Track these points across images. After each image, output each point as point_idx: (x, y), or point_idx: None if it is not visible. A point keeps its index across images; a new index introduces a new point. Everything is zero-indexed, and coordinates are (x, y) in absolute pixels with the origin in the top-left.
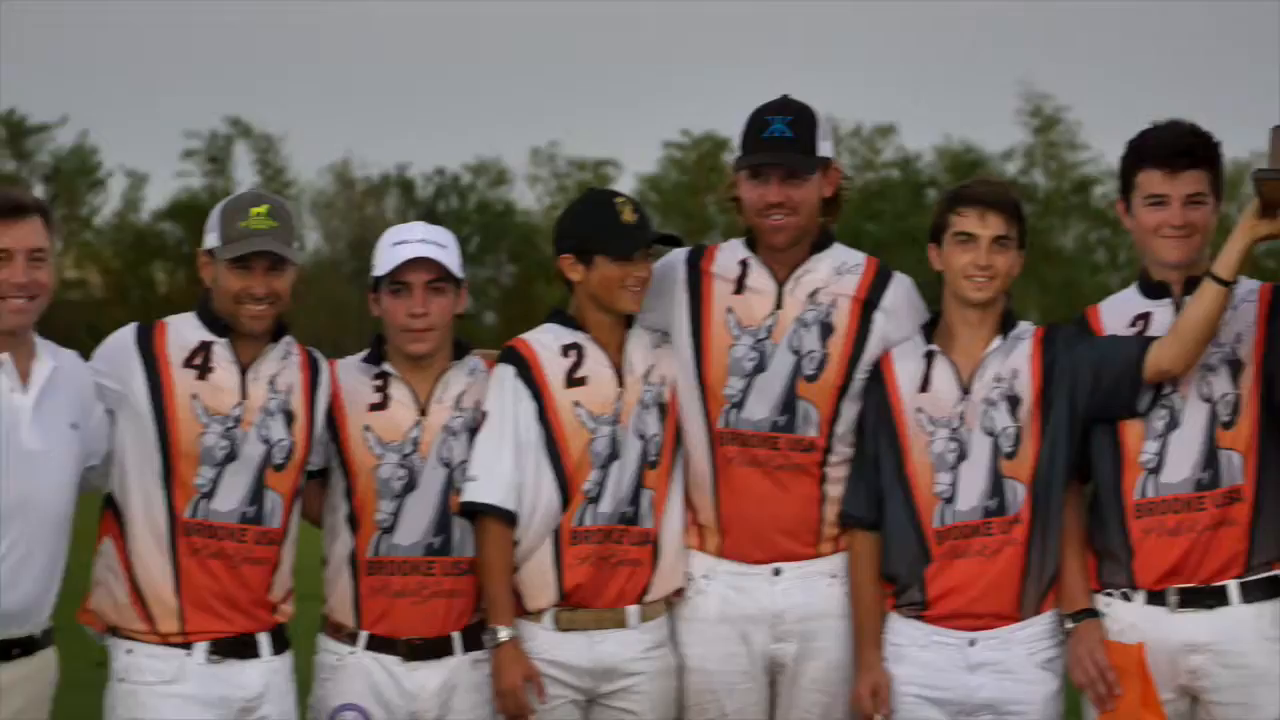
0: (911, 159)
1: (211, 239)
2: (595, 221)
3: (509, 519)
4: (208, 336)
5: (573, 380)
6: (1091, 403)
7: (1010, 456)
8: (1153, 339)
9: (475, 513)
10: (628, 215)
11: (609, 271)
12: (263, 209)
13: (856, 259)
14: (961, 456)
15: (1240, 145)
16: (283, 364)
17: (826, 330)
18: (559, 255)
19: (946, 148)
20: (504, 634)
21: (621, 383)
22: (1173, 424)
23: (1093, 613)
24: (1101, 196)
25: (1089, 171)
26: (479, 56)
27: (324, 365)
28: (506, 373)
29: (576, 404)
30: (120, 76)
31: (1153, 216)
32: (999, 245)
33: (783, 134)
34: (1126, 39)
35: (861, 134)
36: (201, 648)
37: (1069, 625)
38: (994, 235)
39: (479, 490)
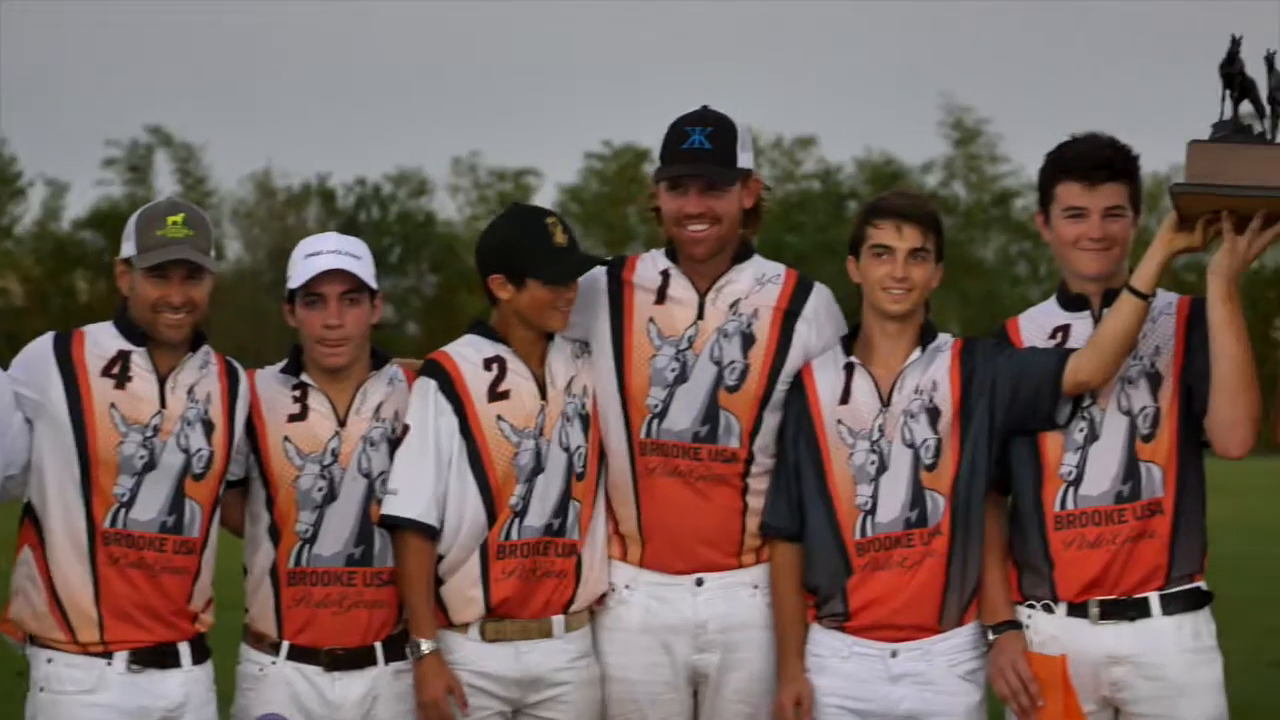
0: (832, 171)
1: (128, 248)
2: (528, 244)
3: (430, 533)
4: (125, 346)
5: (495, 394)
6: (1011, 414)
7: (930, 468)
8: (1072, 351)
9: (395, 526)
10: (560, 237)
11: (540, 294)
12: (179, 217)
13: (776, 269)
14: (881, 468)
15: (1160, 159)
16: (201, 373)
17: (748, 341)
18: (487, 274)
19: (867, 160)
20: (426, 646)
21: (544, 396)
22: (1092, 436)
23: (1014, 624)
24: (1022, 209)
25: (1010, 184)
26: (400, 66)
27: (243, 375)
28: (428, 386)
29: (499, 418)
30: (40, 85)
31: (1071, 229)
32: (916, 257)
33: (702, 145)
34: (1047, 52)
35: (782, 145)
36: (121, 657)
37: (991, 637)
38: (911, 247)
39: (400, 504)
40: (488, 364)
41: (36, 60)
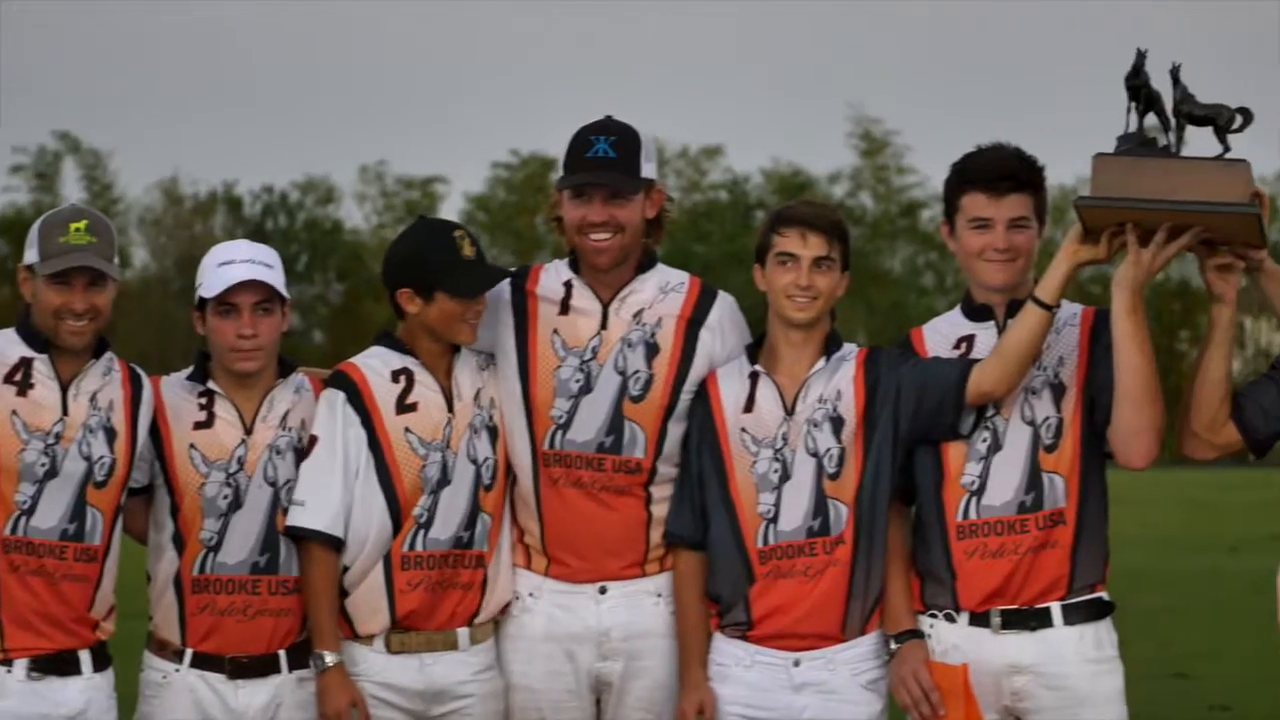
0: (739, 181)
1: (31, 254)
2: (436, 258)
3: (335, 545)
4: (28, 353)
5: (403, 406)
6: (914, 424)
7: (834, 477)
8: (975, 361)
9: (301, 538)
10: (467, 250)
11: (449, 308)
12: (82, 224)
13: (680, 278)
14: (785, 477)
15: (1067, 171)
16: (104, 380)
17: (652, 350)
18: (395, 288)
19: (774, 170)
20: (330, 659)
21: (451, 408)
22: (995, 446)
23: (916, 633)
24: (929, 220)
25: (917, 195)
26: (308, 74)
27: (146, 382)
28: (336, 398)
29: (407, 430)
30: None
31: (976, 239)
32: (821, 266)
33: (606, 154)
34: (955, 64)
35: (689, 155)
36: (21, 665)
37: (893, 646)
38: (815, 256)
39: (306, 516)
40: (395, 376)
41: None
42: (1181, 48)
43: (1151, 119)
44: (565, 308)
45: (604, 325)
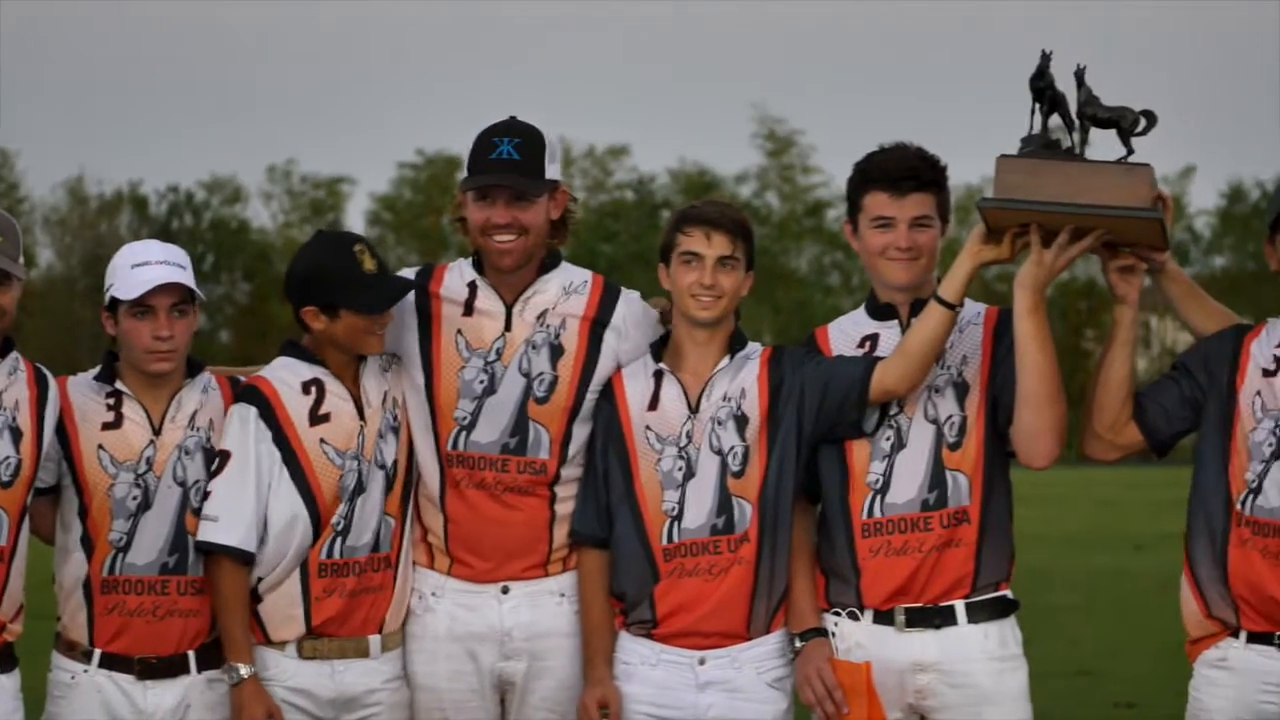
0: (645, 180)
1: None
2: (338, 275)
3: (247, 559)
4: None
5: (316, 418)
6: (818, 422)
7: (738, 475)
8: (879, 360)
9: (212, 552)
10: (369, 264)
11: (355, 323)
12: None
13: (583, 277)
14: (689, 474)
15: (972, 170)
16: (9, 380)
17: (556, 352)
18: (299, 306)
19: (680, 170)
20: (244, 670)
21: (362, 415)
22: (899, 444)
23: (820, 631)
24: (835, 219)
25: (822, 195)
26: (214, 73)
27: (52, 382)
28: (248, 413)
29: (323, 441)
30: None
31: (879, 239)
32: (725, 265)
33: (510, 155)
34: (859, 63)
35: (595, 154)
36: None
37: (797, 644)
38: (719, 255)
39: (219, 531)
40: (306, 387)
41: None
42: (1089, 49)
43: (1056, 120)
44: (469, 309)
45: (508, 327)
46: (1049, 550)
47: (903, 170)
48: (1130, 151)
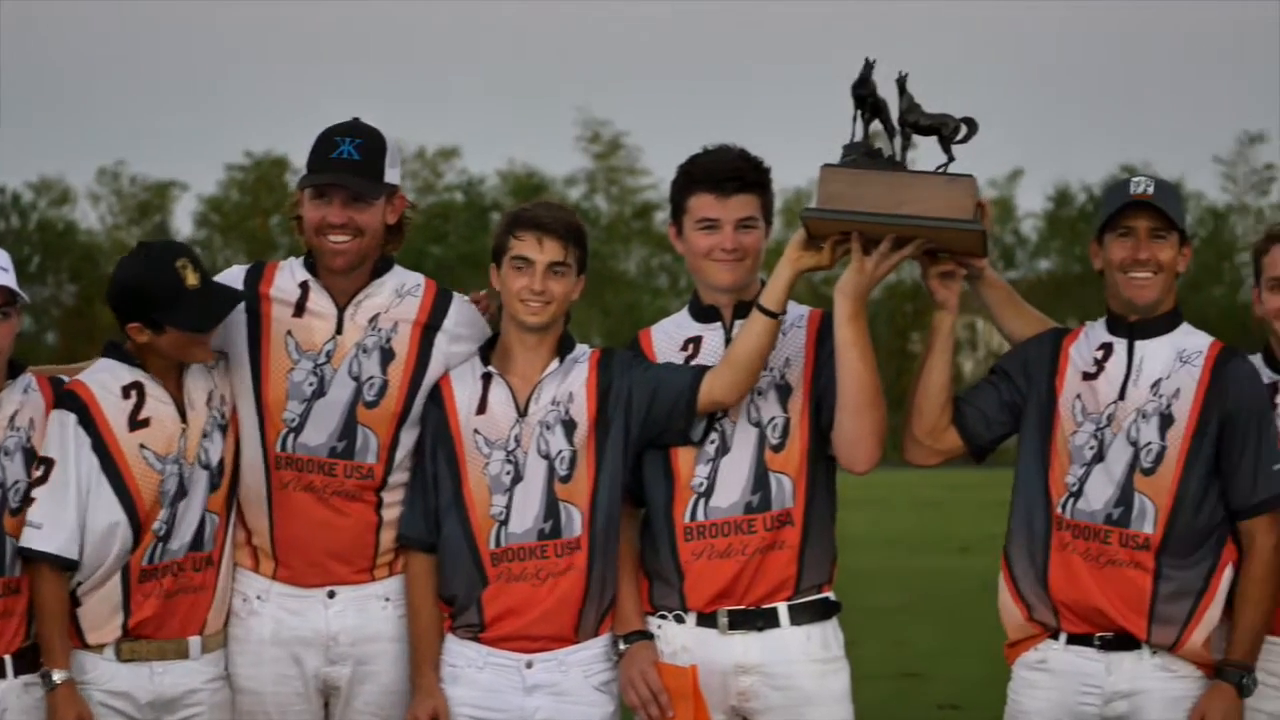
0: (475, 182)
1: None
2: (162, 293)
3: (69, 566)
4: None
5: (136, 423)
6: (645, 428)
7: (565, 480)
8: (707, 369)
9: (33, 559)
10: (192, 280)
11: (181, 338)
12: None
13: (416, 280)
14: (517, 479)
15: (799, 173)
16: None
17: (387, 356)
18: (124, 321)
19: (510, 171)
20: (59, 676)
21: (184, 419)
22: (723, 448)
23: (645, 634)
24: (663, 222)
25: (651, 197)
26: (43, 73)
27: None
28: (68, 420)
29: (142, 446)
30: None
31: (705, 240)
32: (555, 271)
33: (350, 156)
34: (683, 64)
35: (425, 156)
36: None
37: (622, 647)
38: (550, 261)
39: (42, 539)
40: (126, 391)
41: None
42: (912, 56)
43: (878, 125)
44: (300, 310)
45: (339, 329)
46: (874, 552)
47: (727, 172)
48: (951, 159)
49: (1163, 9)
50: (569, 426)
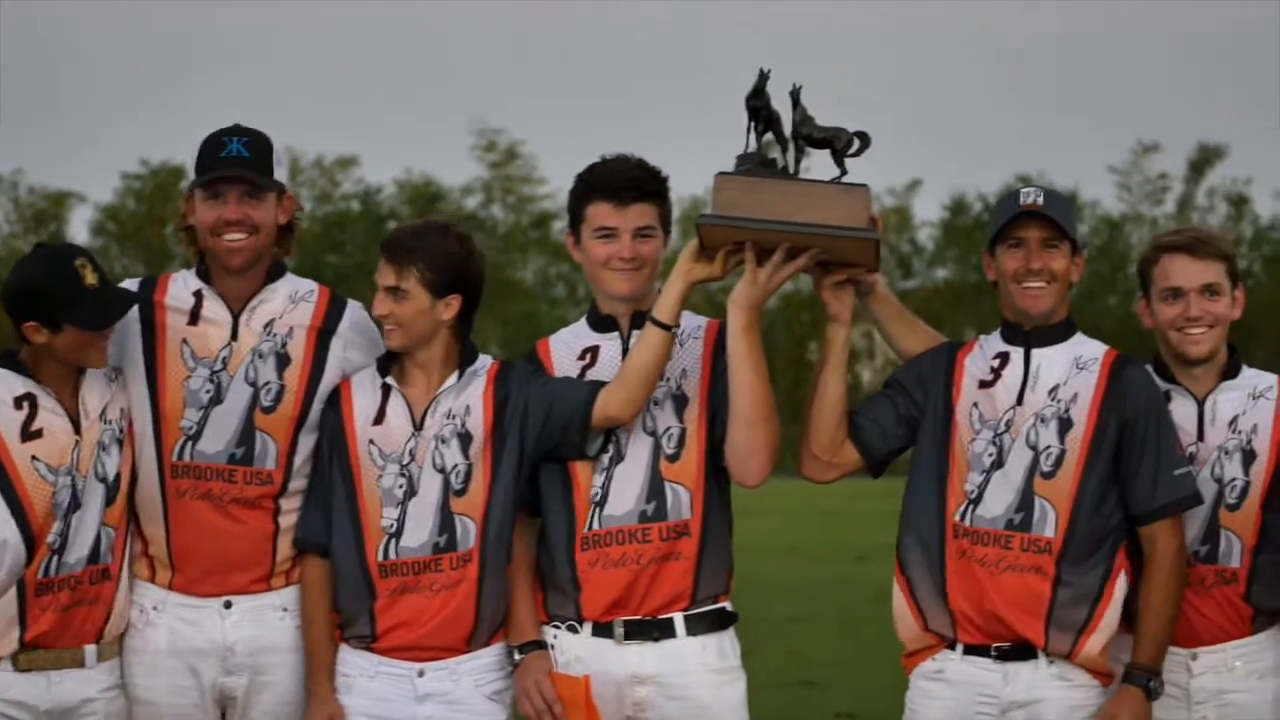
0: (372, 191)
1: None
2: (59, 291)
3: None
4: None
5: (28, 434)
6: (540, 443)
7: (460, 494)
8: (602, 385)
9: None
10: (90, 279)
11: (78, 338)
12: None
13: (309, 286)
14: (410, 493)
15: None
16: None
17: (283, 361)
18: (20, 321)
19: (408, 180)
20: None
21: (78, 430)
22: (618, 457)
23: (540, 644)
24: (560, 230)
25: (548, 207)
26: None
27: None
28: None
29: (34, 458)
30: None
31: (602, 249)
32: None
33: (240, 153)
34: (577, 72)
35: (323, 165)
36: None
37: (517, 657)
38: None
39: None
40: (18, 402)
41: None
42: (805, 69)
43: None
44: (195, 318)
45: (234, 336)
46: (771, 561)
47: (625, 181)
48: (844, 172)
49: (1060, 18)
50: (465, 439)
